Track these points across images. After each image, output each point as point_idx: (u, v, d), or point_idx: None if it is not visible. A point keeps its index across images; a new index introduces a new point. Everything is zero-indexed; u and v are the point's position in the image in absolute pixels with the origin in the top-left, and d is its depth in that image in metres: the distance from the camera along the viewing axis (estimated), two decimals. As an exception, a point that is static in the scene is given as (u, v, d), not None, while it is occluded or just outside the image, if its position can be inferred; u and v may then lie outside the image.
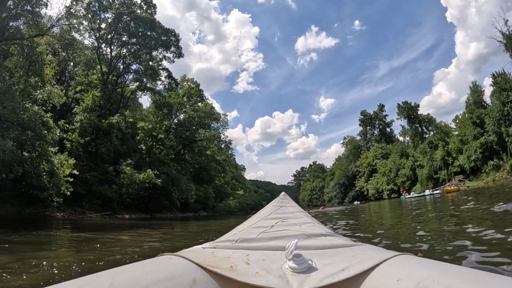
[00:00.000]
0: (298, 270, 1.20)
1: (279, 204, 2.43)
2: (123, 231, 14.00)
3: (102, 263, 5.09)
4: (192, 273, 1.14)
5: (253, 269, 1.24)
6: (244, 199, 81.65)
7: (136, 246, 8.11)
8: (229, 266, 1.23)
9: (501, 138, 45.25)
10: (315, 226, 1.97)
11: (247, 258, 1.35)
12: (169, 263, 1.21)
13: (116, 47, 42.32)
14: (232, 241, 1.63)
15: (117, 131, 39.08)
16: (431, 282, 0.88)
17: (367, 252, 1.36)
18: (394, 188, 76.30)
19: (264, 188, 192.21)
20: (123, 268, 1.10)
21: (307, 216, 2.24)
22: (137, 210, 38.95)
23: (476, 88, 56.31)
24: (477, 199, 15.08)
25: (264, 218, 2.11)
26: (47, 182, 20.75)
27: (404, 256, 1.21)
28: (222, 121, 61.29)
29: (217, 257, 1.35)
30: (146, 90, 47.34)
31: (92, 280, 0.95)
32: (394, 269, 1.09)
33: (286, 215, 2.16)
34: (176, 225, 19.93)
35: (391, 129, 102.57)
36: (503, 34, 43.46)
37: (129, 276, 1.01)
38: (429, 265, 1.07)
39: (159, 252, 1.48)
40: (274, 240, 1.62)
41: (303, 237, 1.63)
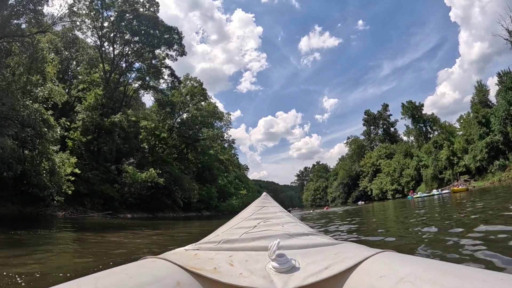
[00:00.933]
0: (281, 269, 1.19)
1: (261, 205, 2.46)
2: (118, 232, 13.78)
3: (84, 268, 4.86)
4: (176, 275, 1.12)
5: (237, 270, 1.22)
6: (247, 199, 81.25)
7: (124, 247, 7.91)
8: (213, 268, 1.22)
9: (507, 137, 44.93)
10: (297, 225, 1.97)
11: (231, 259, 1.34)
12: (152, 266, 1.19)
13: (119, 46, 42.19)
14: (215, 243, 1.60)
15: (119, 130, 38.92)
16: (414, 278, 0.90)
17: (350, 250, 1.35)
18: (398, 188, 76.05)
19: (267, 188, 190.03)
20: (105, 273, 1.06)
21: (289, 215, 2.25)
22: (139, 209, 38.78)
23: (481, 87, 56.14)
24: (491, 199, 14.70)
25: (246, 219, 2.10)
26: (47, 180, 20.48)
27: (386, 253, 1.21)
28: (226, 120, 61.02)
29: (200, 259, 1.34)
30: (149, 89, 47.21)
31: (75, 285, 0.95)
32: (377, 266, 1.10)
33: (268, 215, 2.17)
34: (176, 225, 19.64)
35: (395, 128, 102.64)
36: (510, 32, 42.83)
37: (112, 281, 0.99)
38: (411, 261, 1.08)
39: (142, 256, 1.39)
40: (257, 240, 1.60)
41: (286, 237, 1.62)
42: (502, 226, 5.49)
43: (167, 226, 18.91)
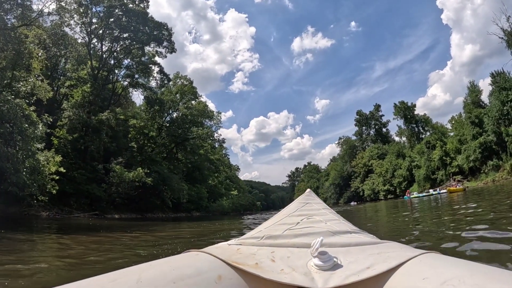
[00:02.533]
0: (323, 267, 1.19)
1: (304, 201, 2.44)
2: (98, 234, 13.12)
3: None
4: (218, 269, 1.14)
5: (278, 266, 1.22)
6: (238, 200, 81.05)
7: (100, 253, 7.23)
8: (254, 263, 1.22)
9: (500, 138, 45.31)
10: (340, 223, 1.92)
11: (272, 255, 1.33)
12: (195, 259, 1.22)
13: (107, 42, 41.48)
14: (258, 238, 1.58)
15: (107, 128, 38.11)
16: (457, 282, 0.88)
17: (393, 250, 1.33)
18: (391, 189, 76.46)
19: (258, 189, 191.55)
20: (150, 264, 1.10)
21: (333, 213, 2.21)
22: (127, 210, 38.15)
23: (474, 88, 56.79)
24: (492, 199, 14.38)
25: (289, 215, 2.06)
26: (27, 179, 19.69)
27: (430, 254, 1.18)
28: (216, 119, 60.41)
29: (242, 254, 1.34)
30: (138, 86, 46.41)
31: (119, 276, 0.97)
32: (420, 267, 1.08)
33: (311, 212, 2.13)
34: (163, 228, 18.82)
35: (387, 129, 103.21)
36: (504, 31, 42.95)
37: (156, 272, 1.02)
38: (456, 264, 1.05)
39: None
40: (299, 237, 1.56)
41: (329, 234, 1.59)
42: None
43: (152, 228, 18.24)
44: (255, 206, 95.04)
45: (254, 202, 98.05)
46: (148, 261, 1.14)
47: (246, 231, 11.07)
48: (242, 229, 13.88)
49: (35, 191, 21.90)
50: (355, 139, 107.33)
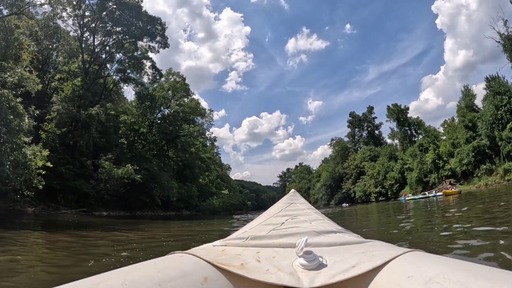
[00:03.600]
0: (308, 267, 1.22)
1: (289, 201, 2.43)
2: (80, 232, 12.65)
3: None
4: (203, 270, 1.15)
5: (264, 266, 1.25)
6: (229, 199, 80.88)
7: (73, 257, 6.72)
8: (240, 264, 1.24)
9: (494, 142, 45.74)
10: (325, 223, 1.95)
11: (258, 255, 1.36)
12: (180, 261, 1.22)
13: (100, 36, 40.85)
14: (243, 239, 1.61)
15: (97, 124, 37.47)
16: (442, 279, 0.91)
17: (378, 248, 1.36)
18: (382, 191, 76.72)
19: (249, 189, 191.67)
20: (134, 267, 1.11)
21: (317, 213, 2.22)
22: (116, 207, 37.66)
23: (468, 92, 57.17)
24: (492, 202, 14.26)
25: (274, 216, 2.08)
26: (11, 173, 19.12)
27: (415, 252, 1.22)
28: (208, 117, 59.94)
29: (227, 254, 1.36)
30: (129, 81, 45.79)
31: (103, 279, 0.97)
32: (405, 265, 1.11)
33: (296, 212, 2.15)
34: (150, 227, 18.35)
35: (380, 131, 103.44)
36: (501, 36, 43.12)
37: (140, 274, 1.03)
38: (440, 262, 1.08)
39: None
40: (284, 237, 1.60)
41: (313, 234, 1.62)
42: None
43: (140, 227, 17.77)
44: (245, 206, 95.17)
45: (245, 202, 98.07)
46: (133, 264, 1.12)
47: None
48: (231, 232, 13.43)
49: (19, 186, 21.36)
50: (347, 141, 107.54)
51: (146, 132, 49.83)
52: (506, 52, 43.14)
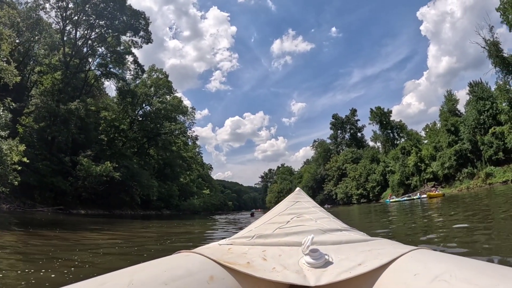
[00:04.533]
0: (314, 265, 1.23)
1: (294, 200, 2.43)
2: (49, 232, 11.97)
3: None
4: (210, 269, 1.16)
5: (270, 264, 1.26)
6: (209, 199, 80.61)
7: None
8: (246, 262, 1.25)
9: (476, 146, 47.03)
10: (330, 221, 1.97)
11: (264, 254, 1.37)
12: (186, 260, 1.23)
13: (82, 29, 40.10)
14: (248, 237, 1.63)
15: (76, 119, 36.65)
16: (449, 276, 0.91)
17: (384, 246, 1.38)
18: (364, 193, 77.73)
19: (231, 189, 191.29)
20: (141, 266, 1.11)
21: (323, 211, 2.24)
22: (94, 205, 37.13)
23: (450, 96, 58.70)
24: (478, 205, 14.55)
25: (279, 214, 2.10)
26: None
27: (421, 250, 1.23)
28: (190, 115, 59.47)
29: (233, 253, 1.37)
30: (111, 76, 44.99)
31: (110, 279, 0.98)
32: (411, 263, 1.11)
33: (301, 210, 2.16)
34: (127, 227, 17.60)
35: (362, 134, 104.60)
36: (486, 41, 44.01)
37: (147, 274, 1.03)
38: (446, 259, 1.08)
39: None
40: (290, 235, 1.62)
41: (319, 232, 1.64)
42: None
43: (118, 227, 17.25)
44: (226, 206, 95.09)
45: (226, 202, 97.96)
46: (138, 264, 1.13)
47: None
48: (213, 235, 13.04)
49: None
50: (329, 142, 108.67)
51: (127, 129, 49.13)
52: (491, 58, 43.95)
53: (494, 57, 43.47)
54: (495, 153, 44.02)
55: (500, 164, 43.82)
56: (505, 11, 41.26)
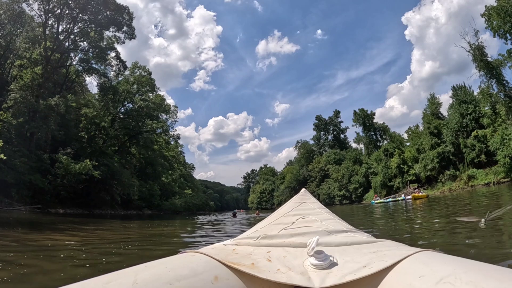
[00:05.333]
0: (319, 266, 1.23)
1: (299, 201, 2.43)
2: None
3: None
4: (214, 269, 1.17)
5: (275, 265, 1.27)
6: (191, 199, 79.95)
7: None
8: (251, 263, 1.26)
9: (458, 148, 48.18)
10: (336, 222, 1.97)
11: (269, 255, 1.38)
12: (191, 260, 1.24)
13: (65, 23, 39.26)
14: (253, 238, 1.65)
15: (56, 115, 35.82)
16: (454, 279, 0.91)
17: (389, 248, 1.38)
18: (346, 194, 78.42)
19: (213, 189, 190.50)
20: (145, 266, 1.13)
21: (328, 212, 2.25)
22: (74, 204, 36.39)
23: (433, 100, 60.09)
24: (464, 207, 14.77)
25: (284, 215, 2.10)
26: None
27: (426, 252, 1.23)
28: (172, 113, 58.82)
29: (238, 254, 1.38)
30: (92, 72, 44.18)
31: (115, 278, 0.99)
32: (416, 265, 1.12)
33: (306, 211, 2.16)
34: (102, 228, 16.31)
35: (345, 135, 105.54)
36: (471, 46, 44.84)
37: (151, 273, 1.04)
38: (451, 262, 1.10)
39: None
40: (295, 236, 1.64)
41: (324, 234, 1.65)
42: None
43: (96, 227, 16.54)
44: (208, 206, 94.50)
45: (208, 202, 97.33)
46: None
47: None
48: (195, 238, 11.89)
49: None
50: (312, 144, 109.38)
51: (108, 127, 48.25)
52: (475, 62, 44.81)
53: (479, 61, 44.44)
54: (477, 155, 45.31)
55: (482, 166, 44.99)
56: (490, 17, 42.40)
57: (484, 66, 43.93)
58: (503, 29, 41.59)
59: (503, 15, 40.61)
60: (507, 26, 40.78)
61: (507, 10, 40.29)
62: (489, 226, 6.64)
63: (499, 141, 39.58)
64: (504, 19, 40.66)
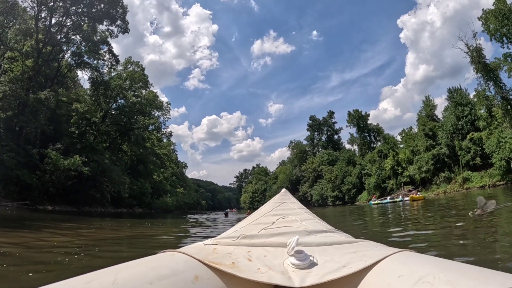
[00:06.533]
0: (299, 266, 1.25)
1: (280, 201, 2.45)
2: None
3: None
4: (194, 269, 1.18)
5: (255, 265, 1.28)
6: (183, 197, 79.49)
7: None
8: (231, 263, 1.27)
9: (453, 151, 48.46)
10: (316, 222, 1.98)
11: (249, 254, 1.39)
12: (171, 259, 1.25)
13: (58, 16, 38.59)
14: (234, 238, 1.65)
15: (46, 110, 35.07)
16: (432, 278, 0.93)
17: (369, 248, 1.40)
18: (339, 195, 78.42)
19: (205, 188, 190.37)
20: (125, 265, 1.13)
21: (308, 212, 2.26)
22: (62, 201, 35.89)
23: (428, 102, 60.51)
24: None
25: (265, 215, 2.12)
26: None
27: (405, 252, 1.26)
28: (165, 110, 58.25)
29: (219, 253, 1.39)
30: (84, 65, 43.44)
31: (95, 277, 0.99)
32: (395, 265, 1.14)
33: (287, 211, 2.17)
34: (87, 227, 15.03)
35: (339, 136, 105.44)
36: (469, 48, 44.83)
37: (132, 273, 1.05)
38: (430, 262, 1.12)
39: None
40: (275, 236, 1.65)
41: (304, 234, 1.66)
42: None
43: (83, 225, 15.68)
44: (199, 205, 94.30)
45: (199, 201, 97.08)
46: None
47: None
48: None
49: None
50: (306, 144, 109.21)
51: (99, 122, 47.47)
52: (473, 64, 44.76)
53: (476, 63, 44.37)
54: (472, 158, 45.53)
55: (477, 169, 45.19)
56: (487, 20, 42.56)
57: (482, 68, 43.96)
58: (500, 33, 41.78)
59: (500, 18, 40.80)
60: (504, 29, 40.87)
61: (505, 13, 40.36)
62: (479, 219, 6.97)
63: (495, 143, 39.68)
64: (501, 22, 40.82)
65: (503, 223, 7.89)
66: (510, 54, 42.42)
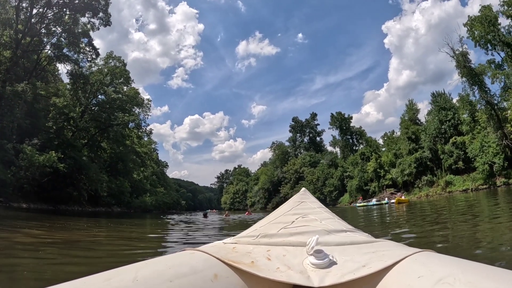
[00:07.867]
0: (319, 265, 1.24)
1: (299, 200, 2.42)
2: None
3: None
4: (214, 267, 1.19)
5: (274, 264, 1.28)
6: (162, 197, 78.42)
7: None
8: (250, 262, 1.27)
9: (436, 154, 48.89)
10: (335, 222, 1.97)
11: (268, 253, 1.39)
12: (191, 258, 1.26)
13: (39, 7, 37.33)
14: (253, 237, 1.65)
15: (22, 103, 33.83)
16: (452, 280, 0.92)
17: (388, 248, 1.39)
18: (321, 197, 78.56)
19: (186, 188, 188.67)
20: (146, 263, 1.14)
21: (328, 212, 2.25)
22: (38, 199, 34.89)
23: (412, 106, 61.22)
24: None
25: (284, 214, 2.12)
26: None
27: (425, 252, 1.24)
28: (145, 107, 57.08)
29: (238, 252, 1.39)
30: (63, 59, 42.14)
31: (115, 275, 1.00)
32: (415, 265, 1.13)
33: (306, 210, 2.16)
34: (45, 227, 13.20)
35: (321, 138, 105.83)
36: (454, 52, 45.26)
37: (152, 270, 1.06)
38: (450, 262, 1.11)
39: None
40: (294, 235, 1.63)
41: (324, 233, 1.65)
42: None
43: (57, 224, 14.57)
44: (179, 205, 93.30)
45: (179, 201, 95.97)
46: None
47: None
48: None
49: None
50: (288, 145, 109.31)
51: (77, 118, 46.10)
52: (459, 68, 45.21)
53: (462, 67, 44.85)
54: (455, 162, 46.43)
55: (460, 173, 45.92)
56: (472, 27, 43.51)
57: (467, 72, 44.66)
58: (484, 39, 42.31)
59: (486, 24, 41.34)
60: (489, 36, 41.38)
61: (490, 20, 40.82)
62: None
63: (479, 148, 40.38)
64: (486, 29, 41.32)
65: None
66: (494, 61, 43.17)
